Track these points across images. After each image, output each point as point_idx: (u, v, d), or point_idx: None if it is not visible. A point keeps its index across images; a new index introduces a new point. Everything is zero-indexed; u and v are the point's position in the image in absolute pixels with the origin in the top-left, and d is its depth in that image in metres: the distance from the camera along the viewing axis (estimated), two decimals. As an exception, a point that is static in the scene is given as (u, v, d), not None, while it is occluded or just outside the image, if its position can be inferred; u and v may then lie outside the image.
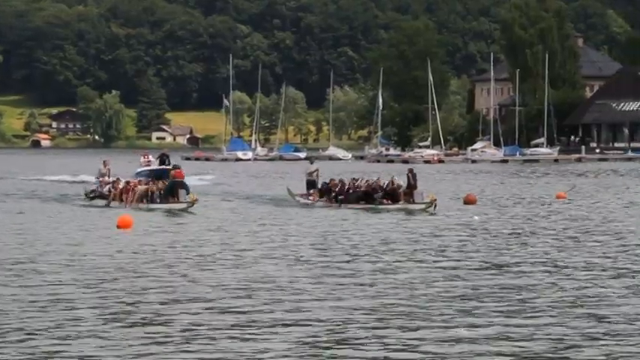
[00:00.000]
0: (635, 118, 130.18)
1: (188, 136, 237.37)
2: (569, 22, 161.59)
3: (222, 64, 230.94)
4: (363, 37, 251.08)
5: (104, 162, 44.51)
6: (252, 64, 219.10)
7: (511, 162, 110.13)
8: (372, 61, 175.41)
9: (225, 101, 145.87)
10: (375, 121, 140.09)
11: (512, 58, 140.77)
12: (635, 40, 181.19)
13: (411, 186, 38.74)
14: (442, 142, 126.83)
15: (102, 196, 40.44)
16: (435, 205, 36.77)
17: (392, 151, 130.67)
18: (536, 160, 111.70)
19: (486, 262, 21.93)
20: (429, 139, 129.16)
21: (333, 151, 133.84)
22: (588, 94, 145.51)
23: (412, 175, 39.12)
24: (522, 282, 18.98)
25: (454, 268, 20.96)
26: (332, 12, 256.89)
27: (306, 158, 52.90)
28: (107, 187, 40.74)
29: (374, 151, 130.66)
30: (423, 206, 37.01)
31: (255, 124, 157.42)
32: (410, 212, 36.15)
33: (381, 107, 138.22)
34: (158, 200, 38.31)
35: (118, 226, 30.06)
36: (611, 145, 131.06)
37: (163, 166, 45.96)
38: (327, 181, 41.35)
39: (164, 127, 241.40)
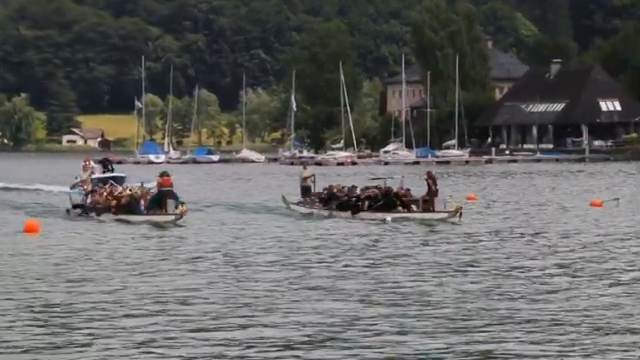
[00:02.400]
0: (544, 120, 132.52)
1: (99, 139, 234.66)
2: (479, 24, 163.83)
3: (133, 67, 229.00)
4: (276, 39, 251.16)
5: (84, 167, 39.71)
6: (164, 66, 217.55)
7: (423, 163, 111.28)
8: (284, 63, 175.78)
9: (138, 103, 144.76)
10: (288, 124, 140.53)
11: (423, 60, 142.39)
12: (543, 42, 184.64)
13: (431, 192, 34.44)
14: (355, 144, 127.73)
15: (85, 207, 35.59)
16: (461, 214, 32.92)
17: (305, 153, 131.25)
18: (448, 162, 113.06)
19: (399, 264, 22.32)
20: (342, 141, 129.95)
21: (246, 153, 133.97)
22: (498, 95, 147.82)
23: (432, 180, 34.69)
24: (426, 283, 19.39)
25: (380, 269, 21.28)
26: (243, 14, 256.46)
27: (301, 163, 44.89)
28: (89, 196, 36.10)
29: (287, 153, 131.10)
30: (445, 215, 33.19)
31: (167, 126, 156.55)
32: (429, 222, 32.45)
33: (294, 109, 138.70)
34: (145, 211, 33.68)
35: (25, 231, 29.85)
36: (520, 146, 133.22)
37: (111, 174, 41.61)
38: (327, 186, 37.54)
39: (75, 130, 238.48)
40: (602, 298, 17.55)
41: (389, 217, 33.47)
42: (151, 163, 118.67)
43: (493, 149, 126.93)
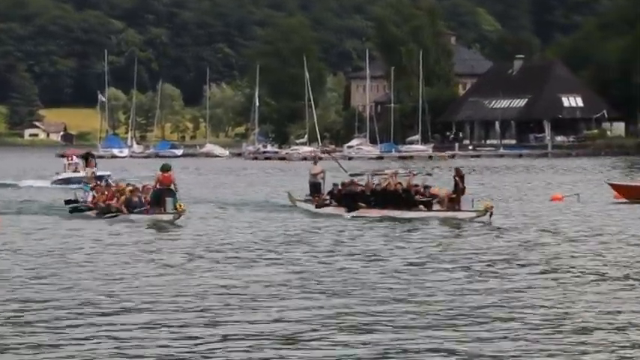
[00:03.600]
0: (506, 116, 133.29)
1: (62, 133, 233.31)
2: (442, 20, 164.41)
3: (96, 60, 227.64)
4: (239, 33, 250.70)
5: (86, 163, 38.60)
6: (127, 60, 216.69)
7: (387, 159, 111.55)
8: (248, 58, 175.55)
9: (101, 97, 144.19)
10: (252, 118, 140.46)
11: (387, 55, 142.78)
12: (505, 38, 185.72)
13: (459, 190, 32.62)
14: (319, 139, 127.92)
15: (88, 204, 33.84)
16: (492, 214, 31.07)
17: (269, 148, 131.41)
18: (411, 157, 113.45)
19: (364, 260, 22.52)
20: (306, 136, 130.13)
21: (210, 148, 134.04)
22: (461, 91, 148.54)
23: (460, 178, 32.96)
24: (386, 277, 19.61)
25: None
26: (207, 8, 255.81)
27: (313, 158, 42.13)
28: (91, 193, 34.48)
29: (251, 148, 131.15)
30: (472, 215, 31.32)
31: (131, 121, 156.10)
32: (454, 222, 30.68)
33: (257, 104, 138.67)
34: (144, 209, 32.42)
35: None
36: (483, 142, 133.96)
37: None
38: (346, 181, 35.30)
39: (37, 123, 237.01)
40: (560, 291, 17.84)
41: (348, 214, 32.97)
42: (114, 157, 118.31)
43: (457, 144, 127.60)
